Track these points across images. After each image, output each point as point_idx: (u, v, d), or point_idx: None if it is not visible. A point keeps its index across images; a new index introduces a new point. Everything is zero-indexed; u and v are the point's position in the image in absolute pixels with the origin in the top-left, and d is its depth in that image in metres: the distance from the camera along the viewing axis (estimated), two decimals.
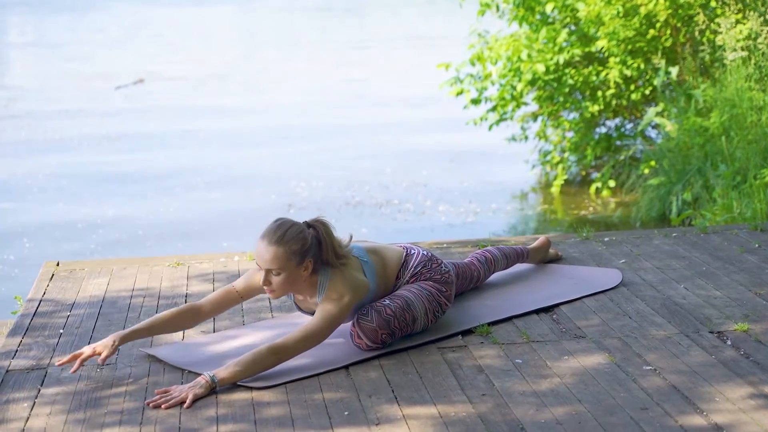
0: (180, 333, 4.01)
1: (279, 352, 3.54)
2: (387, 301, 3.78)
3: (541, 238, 4.82)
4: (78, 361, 3.54)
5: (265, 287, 3.67)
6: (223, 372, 3.45)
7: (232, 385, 3.48)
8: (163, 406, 3.32)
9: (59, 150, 12.24)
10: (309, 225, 3.69)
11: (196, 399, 3.36)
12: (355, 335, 3.74)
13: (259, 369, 3.51)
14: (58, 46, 22.93)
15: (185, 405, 3.32)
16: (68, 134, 13.14)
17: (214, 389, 3.42)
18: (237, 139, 12.81)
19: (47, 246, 8.36)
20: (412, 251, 4.03)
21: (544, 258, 4.80)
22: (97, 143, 12.59)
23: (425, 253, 4.04)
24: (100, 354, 3.56)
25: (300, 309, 3.89)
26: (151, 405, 3.34)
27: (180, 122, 13.96)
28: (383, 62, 19.76)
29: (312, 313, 3.83)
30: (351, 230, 8.68)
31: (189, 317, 3.79)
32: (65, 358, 3.57)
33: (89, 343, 3.92)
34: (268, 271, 3.62)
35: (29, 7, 32.13)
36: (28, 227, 8.98)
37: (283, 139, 12.82)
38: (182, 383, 3.52)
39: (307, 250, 3.62)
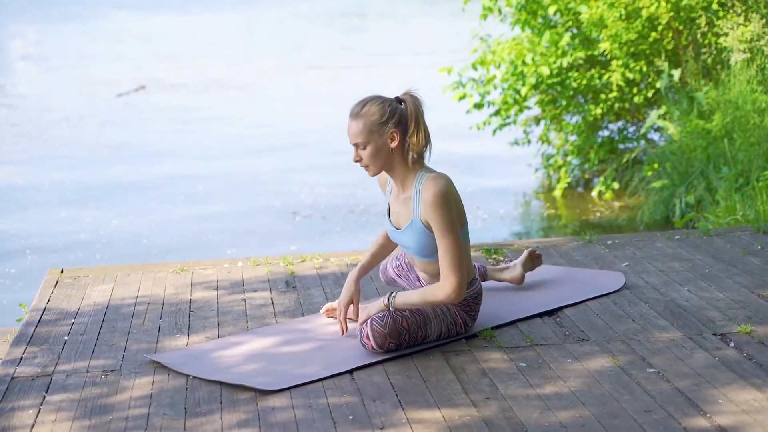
0: (184, 340, 4.03)
1: (450, 273, 3.71)
2: (407, 313, 3.77)
3: (525, 252, 4.59)
4: (342, 320, 3.93)
5: (357, 163, 3.81)
6: (399, 299, 3.78)
7: (237, 390, 3.49)
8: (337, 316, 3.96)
9: (60, 158, 12.25)
10: (399, 100, 3.79)
11: (369, 318, 3.77)
12: (364, 334, 3.74)
13: (445, 300, 3.75)
14: (60, 54, 22.97)
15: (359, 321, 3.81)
16: (69, 142, 13.15)
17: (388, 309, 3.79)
18: (239, 146, 12.81)
19: (50, 256, 8.35)
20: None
21: (532, 268, 4.60)
22: (98, 151, 12.60)
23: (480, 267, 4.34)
24: (352, 303, 3.94)
25: (392, 224, 3.93)
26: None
27: (181, 129, 13.97)
28: (384, 68, 19.77)
29: (399, 228, 3.91)
30: (357, 239, 8.69)
31: (382, 253, 4.09)
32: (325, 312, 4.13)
33: (93, 352, 3.92)
34: (356, 146, 3.78)
35: (32, 17, 32.18)
36: (30, 237, 8.98)
37: (286, 145, 12.82)
38: (186, 389, 3.53)
39: (386, 120, 3.73)
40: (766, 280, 4.54)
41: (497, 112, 10.23)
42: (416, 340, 3.79)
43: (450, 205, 3.70)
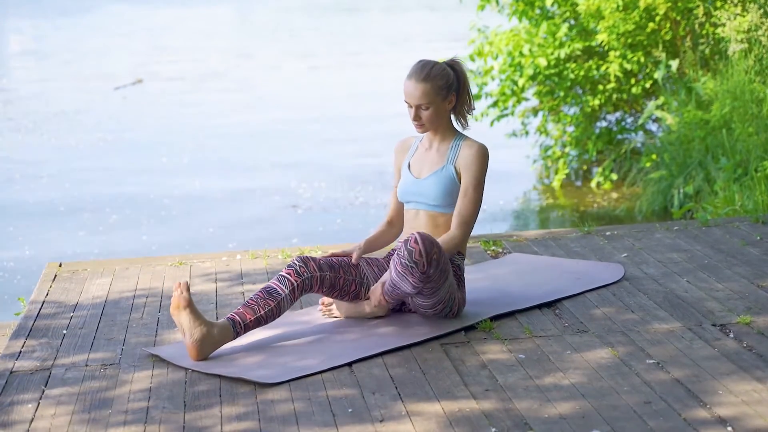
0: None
1: (462, 225, 3.96)
2: None
3: None
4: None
5: (414, 122, 4.02)
6: None
7: (236, 383, 3.49)
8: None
9: (57, 152, 12.23)
10: (449, 64, 4.04)
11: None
12: (412, 239, 3.70)
13: (453, 249, 3.94)
14: (56, 48, 22.93)
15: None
16: (66, 136, 13.13)
17: None
18: (237, 140, 12.80)
19: (48, 251, 8.34)
20: None
21: None
22: (95, 145, 12.58)
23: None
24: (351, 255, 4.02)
25: (411, 175, 4.11)
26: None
27: (179, 123, 13.95)
28: (381, 61, 19.75)
29: (420, 174, 4.11)
30: (358, 231, 8.69)
31: (388, 232, 4.21)
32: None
33: (92, 345, 3.92)
34: (417, 107, 4.00)
35: (28, 11, 32.14)
36: (28, 231, 8.97)
37: (283, 139, 12.81)
38: (186, 383, 3.52)
39: (450, 85, 4.00)
40: (765, 271, 4.54)
41: (495, 104, 10.23)
42: (443, 273, 3.78)
43: (486, 165, 4.06)
